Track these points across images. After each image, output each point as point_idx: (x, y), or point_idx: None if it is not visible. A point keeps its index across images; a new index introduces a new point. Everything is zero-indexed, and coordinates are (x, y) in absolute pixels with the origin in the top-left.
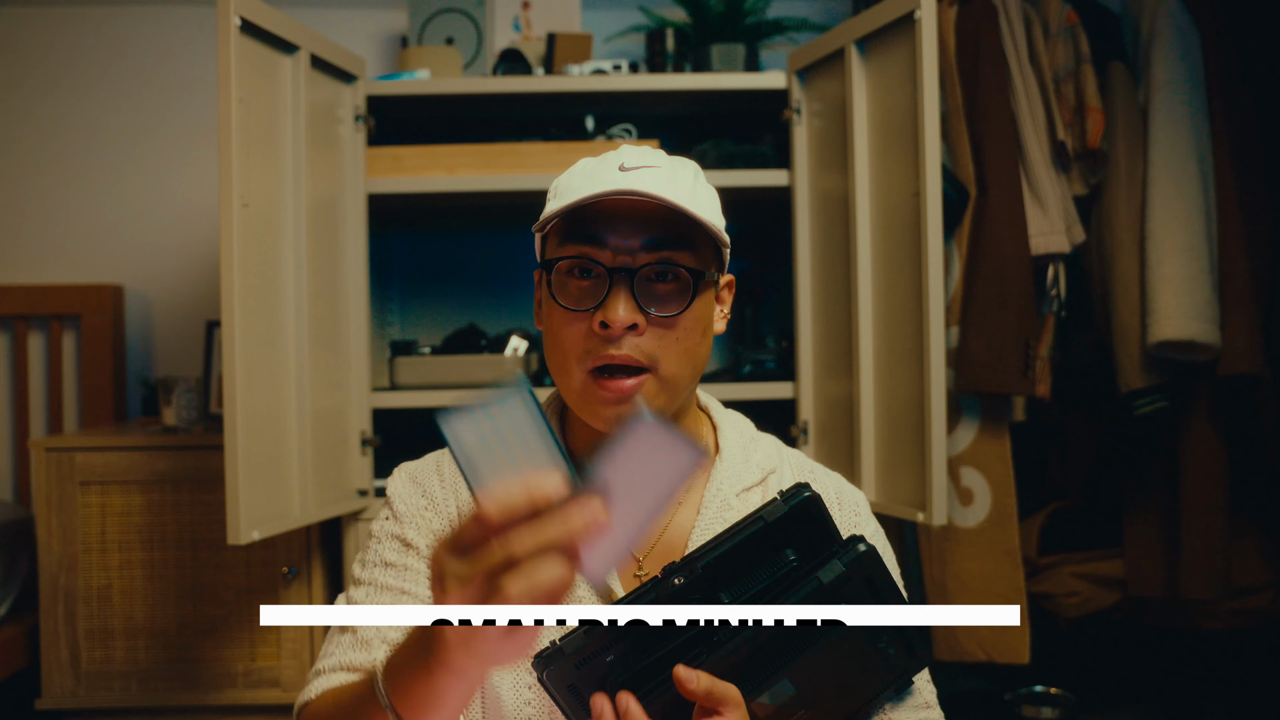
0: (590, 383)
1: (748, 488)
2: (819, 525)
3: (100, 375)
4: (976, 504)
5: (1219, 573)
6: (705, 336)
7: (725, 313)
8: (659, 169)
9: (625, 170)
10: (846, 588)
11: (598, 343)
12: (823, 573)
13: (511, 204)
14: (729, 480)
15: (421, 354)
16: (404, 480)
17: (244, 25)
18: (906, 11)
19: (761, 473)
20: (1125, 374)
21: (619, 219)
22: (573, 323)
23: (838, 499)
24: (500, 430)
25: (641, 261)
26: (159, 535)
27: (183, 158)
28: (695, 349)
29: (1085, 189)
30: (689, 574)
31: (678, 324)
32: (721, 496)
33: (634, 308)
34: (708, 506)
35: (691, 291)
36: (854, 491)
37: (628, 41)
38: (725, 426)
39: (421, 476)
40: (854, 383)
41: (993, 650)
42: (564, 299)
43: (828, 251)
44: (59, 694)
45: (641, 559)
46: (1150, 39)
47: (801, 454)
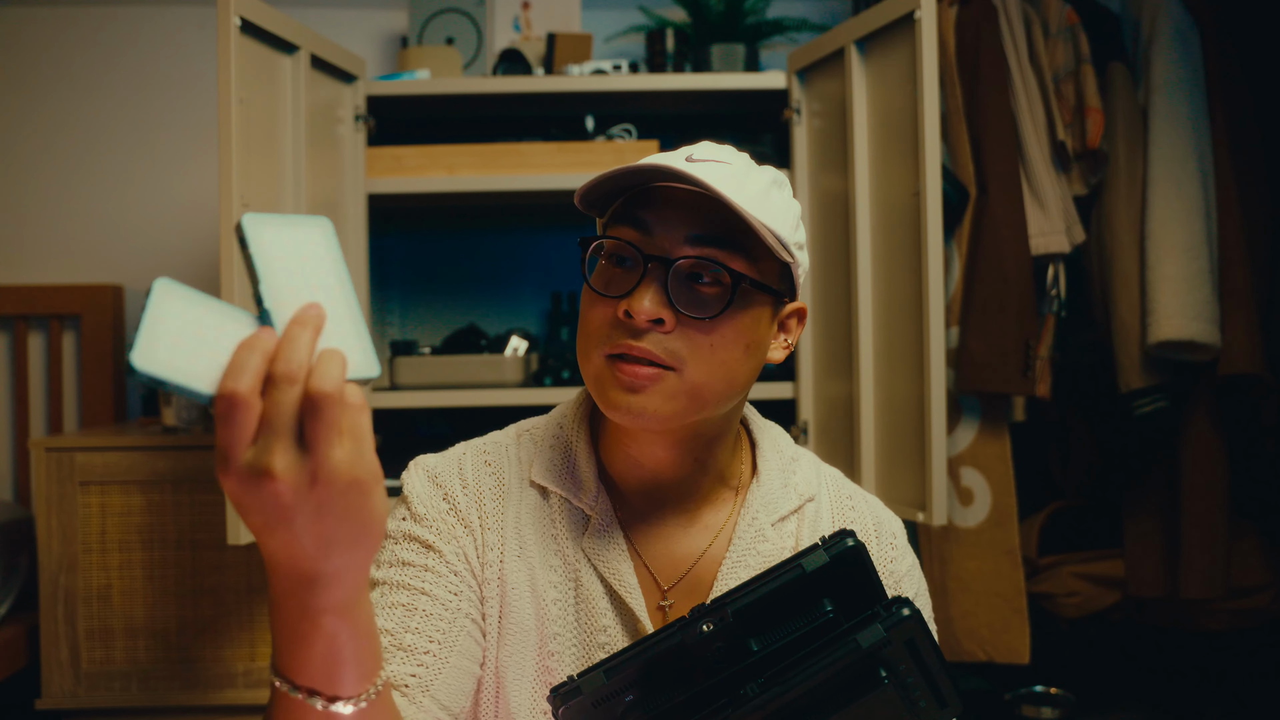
0: (606, 366)
1: (783, 517)
2: (861, 576)
3: (100, 375)
4: (976, 504)
5: (1219, 573)
6: (749, 354)
7: (789, 343)
8: (728, 165)
9: (693, 161)
10: (885, 651)
11: (620, 331)
12: (862, 636)
13: (511, 204)
14: (765, 508)
15: (421, 354)
16: (424, 480)
17: (244, 25)
18: (906, 11)
19: (799, 499)
20: (1125, 374)
21: (669, 207)
22: (599, 305)
23: (875, 529)
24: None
25: (680, 254)
26: (159, 535)
27: (183, 158)
28: (734, 365)
29: (1085, 189)
30: (719, 620)
31: (714, 330)
32: (756, 527)
33: (662, 301)
34: (740, 537)
35: (730, 296)
36: (892, 520)
37: (628, 41)
38: (765, 445)
39: (444, 477)
40: (854, 383)
41: (993, 650)
42: (597, 281)
43: (828, 251)
44: (59, 694)
45: (667, 589)
46: (1150, 39)
47: (839, 474)
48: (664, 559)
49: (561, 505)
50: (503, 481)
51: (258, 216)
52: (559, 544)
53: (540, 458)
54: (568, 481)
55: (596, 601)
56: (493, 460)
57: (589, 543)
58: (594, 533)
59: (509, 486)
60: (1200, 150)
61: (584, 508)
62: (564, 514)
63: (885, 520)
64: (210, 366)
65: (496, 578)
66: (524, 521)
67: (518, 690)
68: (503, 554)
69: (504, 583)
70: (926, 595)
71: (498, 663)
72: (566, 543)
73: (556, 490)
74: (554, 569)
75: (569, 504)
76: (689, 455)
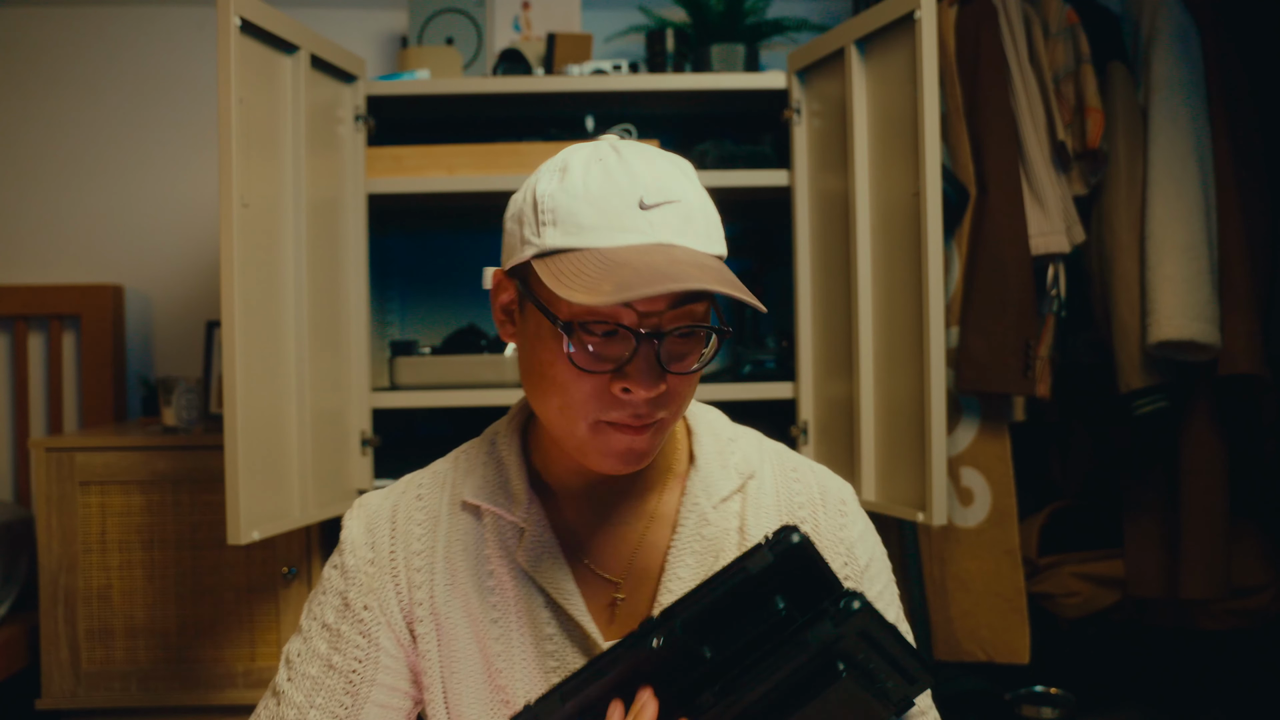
0: (602, 429)
1: (725, 498)
2: (810, 569)
3: (100, 375)
4: (976, 504)
5: (1219, 573)
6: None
7: None
8: (679, 204)
9: (646, 208)
10: (838, 645)
11: (613, 404)
12: (813, 633)
13: None
14: (705, 491)
15: (421, 354)
16: (359, 528)
17: (244, 25)
18: (906, 11)
19: (740, 478)
20: (1125, 374)
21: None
22: (584, 379)
23: (822, 497)
24: None
25: (669, 324)
26: (159, 535)
27: (183, 158)
28: (694, 389)
29: (1085, 189)
30: (668, 633)
31: (692, 376)
32: (699, 511)
33: (660, 375)
34: (684, 523)
35: (707, 344)
36: (841, 487)
37: (628, 41)
38: (700, 430)
39: (376, 525)
40: (854, 383)
41: (993, 650)
42: (579, 357)
43: (828, 251)
44: (59, 694)
45: (619, 581)
46: (1150, 39)
47: (783, 447)
48: (610, 554)
49: (494, 522)
50: (433, 514)
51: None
52: (492, 564)
53: (473, 476)
54: (500, 497)
55: (538, 613)
56: (425, 494)
57: (523, 555)
58: (528, 545)
59: (439, 516)
60: (1200, 150)
61: (516, 520)
62: (496, 532)
63: (832, 488)
64: None
65: (430, 616)
66: (454, 550)
67: (471, 702)
68: (432, 592)
69: (438, 619)
70: (883, 560)
71: (446, 699)
72: (500, 561)
73: (489, 507)
74: (490, 590)
75: (501, 519)
76: None
